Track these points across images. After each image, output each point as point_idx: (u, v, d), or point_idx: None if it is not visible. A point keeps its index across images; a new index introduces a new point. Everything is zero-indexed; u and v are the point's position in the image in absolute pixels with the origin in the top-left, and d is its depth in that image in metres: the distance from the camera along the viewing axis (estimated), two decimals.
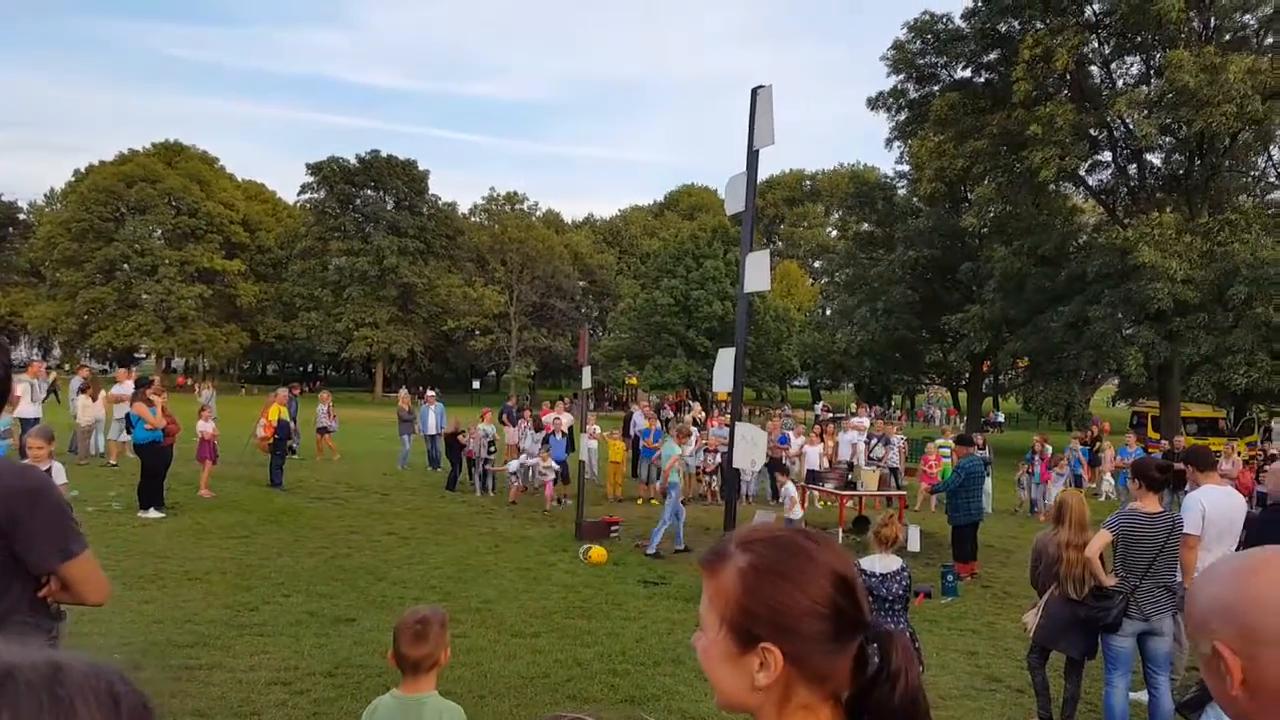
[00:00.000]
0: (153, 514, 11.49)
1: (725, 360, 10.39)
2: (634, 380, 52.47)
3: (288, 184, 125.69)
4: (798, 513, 11.94)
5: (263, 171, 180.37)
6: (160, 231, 58.57)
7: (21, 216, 69.14)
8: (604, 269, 69.96)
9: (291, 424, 16.60)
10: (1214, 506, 5.19)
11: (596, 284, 70.23)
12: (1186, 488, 6.20)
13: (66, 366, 41.74)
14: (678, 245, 52.87)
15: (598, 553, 10.84)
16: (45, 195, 73.94)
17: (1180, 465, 14.36)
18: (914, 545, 11.95)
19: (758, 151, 10.28)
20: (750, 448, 10.00)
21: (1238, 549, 6.06)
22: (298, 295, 59.38)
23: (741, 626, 1.06)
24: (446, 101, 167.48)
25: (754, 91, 10.38)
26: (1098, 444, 18.17)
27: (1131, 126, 24.51)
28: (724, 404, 36.72)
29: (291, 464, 17.24)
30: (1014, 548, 12.58)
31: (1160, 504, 5.22)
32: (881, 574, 5.26)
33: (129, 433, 12.33)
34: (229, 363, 68.92)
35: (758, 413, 42.18)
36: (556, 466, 15.11)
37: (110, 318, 56.71)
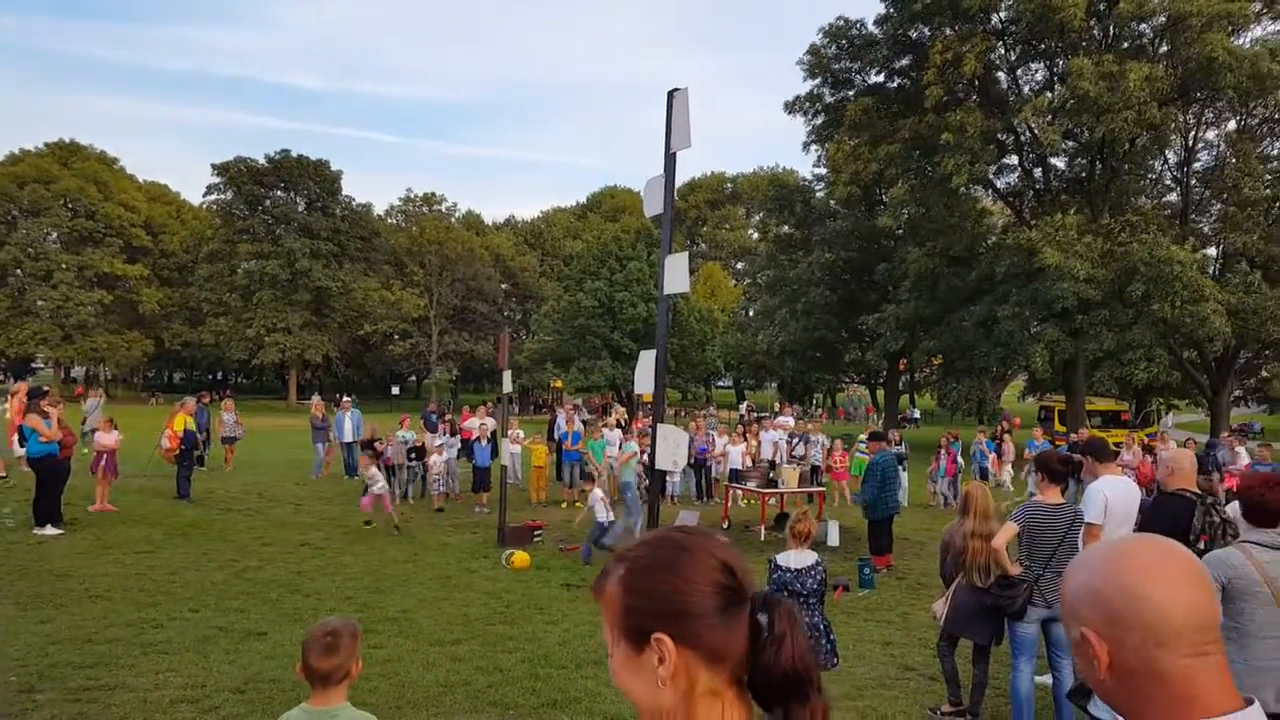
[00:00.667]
0: (50, 531, 10.90)
1: (646, 362, 10.42)
2: (559, 383, 52.26)
3: (193, 185, 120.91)
4: (601, 514, 11.72)
5: (166, 172, 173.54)
6: (56, 235, 55.77)
7: None
8: (526, 271, 69.42)
9: (199, 434, 15.99)
10: (1114, 495, 5.38)
11: (519, 286, 69.66)
12: (1084, 478, 6.47)
13: None
14: (601, 247, 52.87)
15: (520, 558, 10.74)
16: None
17: (1079, 457, 15.09)
18: (834, 540, 12.21)
19: (675, 154, 10.41)
20: (672, 448, 10.09)
21: None
22: (205, 300, 57.21)
23: (631, 626, 1.08)
24: (361, 101, 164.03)
25: (670, 94, 10.45)
26: (1003, 438, 18.88)
27: (1037, 132, 25.53)
28: (649, 405, 36.90)
29: (200, 475, 16.63)
30: (928, 540, 12.92)
31: (1063, 496, 5.45)
32: (796, 569, 5.34)
33: (23, 446, 11.66)
34: (133, 371, 66.03)
35: (683, 413, 42.50)
36: (380, 478, 13.23)
37: (2, 326, 53.65)
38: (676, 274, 10.18)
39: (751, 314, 59.35)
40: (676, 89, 10.91)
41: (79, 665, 6.21)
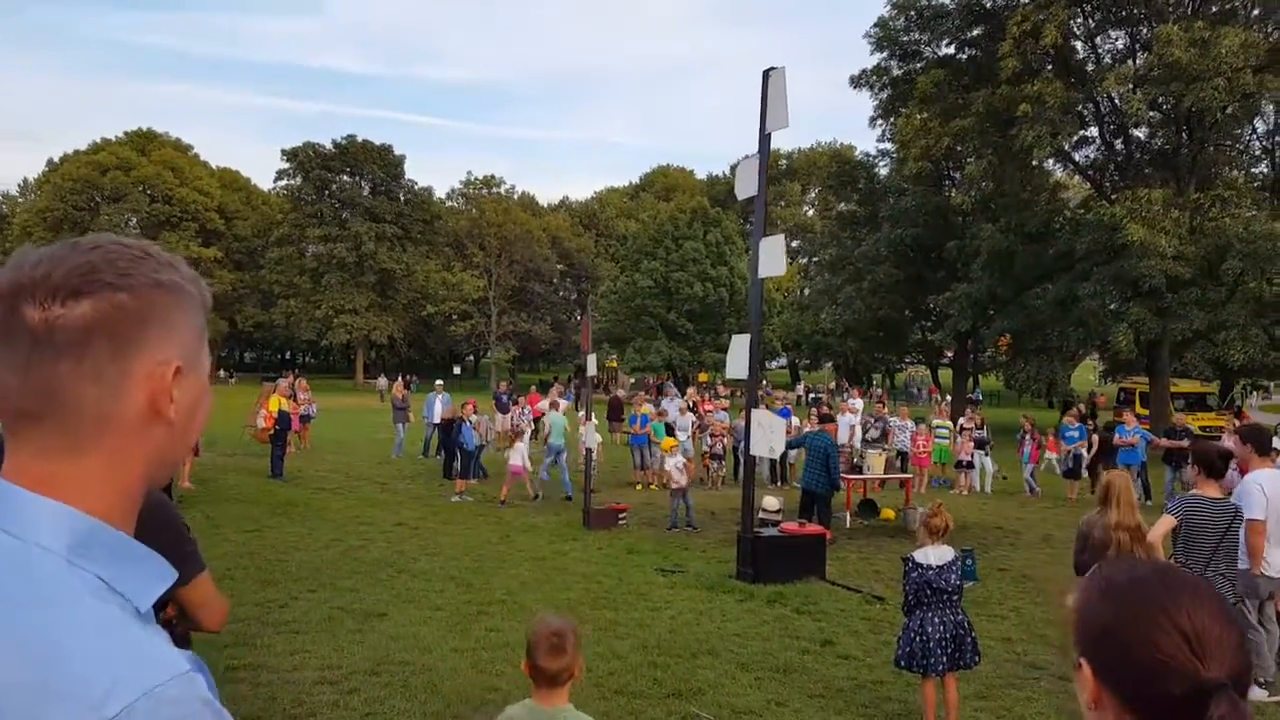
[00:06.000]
0: None
1: (740, 347, 10.37)
2: (614, 363, 52.46)
3: (263, 171, 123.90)
4: (681, 480, 12.25)
5: (238, 159, 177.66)
6: (135, 220, 57.68)
7: None
8: (582, 252, 69.69)
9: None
10: (1273, 489, 5.02)
11: (574, 267, 69.98)
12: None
13: None
14: (657, 227, 52.72)
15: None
16: (19, 185, 72.53)
17: (1183, 444, 14.58)
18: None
19: (770, 135, 10.28)
20: (768, 434, 10.03)
21: None
22: (276, 283, 58.71)
23: (1074, 640, 1.12)
24: (418, 86, 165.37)
25: (766, 73, 10.33)
26: (1093, 421, 18.20)
27: (1119, 102, 24.55)
28: (703, 385, 36.65)
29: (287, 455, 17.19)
30: (1022, 529, 12.74)
31: (1220, 490, 5.18)
32: (938, 565, 5.19)
33: None
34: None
35: (739, 394, 42.38)
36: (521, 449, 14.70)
37: None
38: (772, 257, 10.10)
39: (808, 293, 58.67)
40: (773, 68, 10.75)
41: (219, 645, 6.38)
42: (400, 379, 21.65)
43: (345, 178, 60.25)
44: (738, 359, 10.01)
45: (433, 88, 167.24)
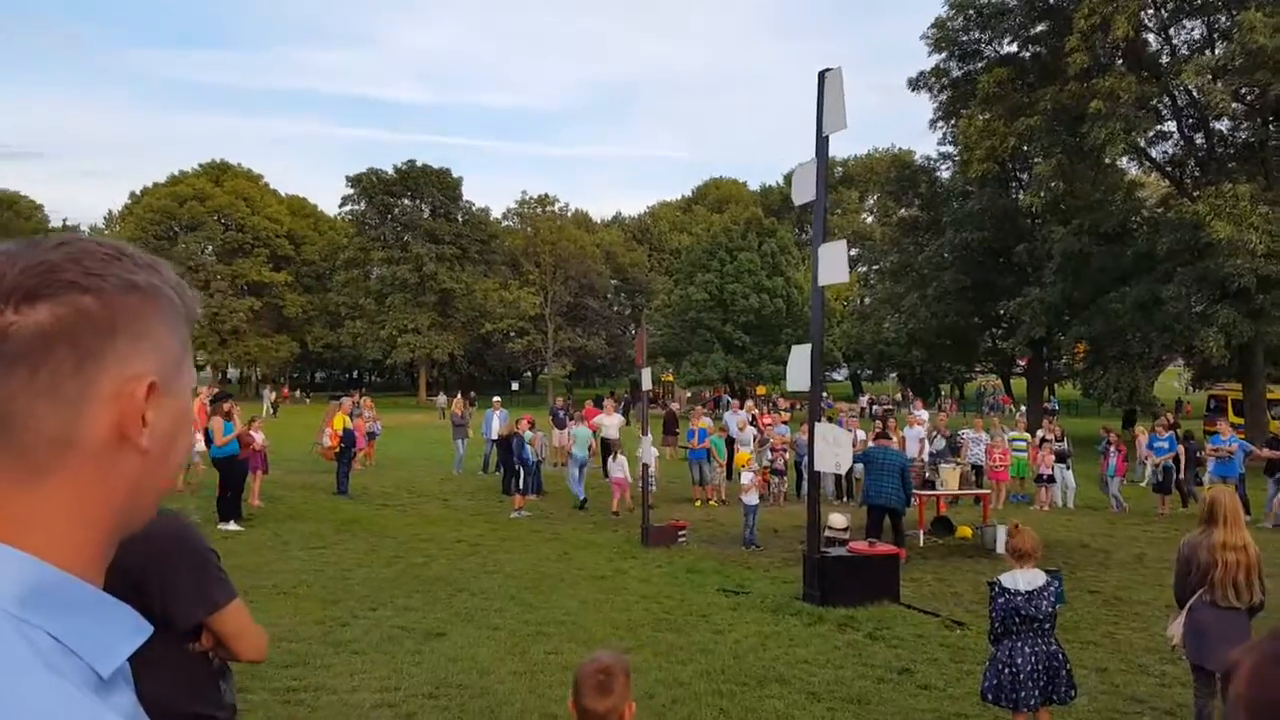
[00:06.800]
0: (233, 526, 11.48)
1: (800, 357, 9.98)
2: (669, 377, 52.14)
3: (329, 197, 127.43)
4: (753, 498, 12.04)
5: (305, 186, 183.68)
6: (211, 248, 60.11)
7: None
8: (636, 267, 69.81)
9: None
10: None
11: (628, 282, 70.09)
12: None
13: None
14: (711, 240, 52.38)
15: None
16: (104, 218, 75.71)
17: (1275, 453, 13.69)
18: (1001, 547, 11.46)
19: (828, 138, 9.93)
20: (833, 449, 9.61)
21: None
22: (343, 304, 60.27)
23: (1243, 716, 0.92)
24: (474, 111, 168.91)
25: (822, 75, 10.00)
26: (1176, 429, 17.06)
27: (1197, 94, 23.52)
28: (761, 398, 35.99)
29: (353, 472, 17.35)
30: (1111, 547, 12.06)
31: None
32: (1027, 591, 4.73)
33: (207, 445, 12.29)
34: (280, 372, 70.42)
35: (799, 406, 41.61)
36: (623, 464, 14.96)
37: None
38: (833, 264, 9.71)
39: (868, 301, 57.58)
40: (828, 69, 10.39)
41: (281, 665, 6.29)
42: (460, 396, 21.82)
43: (406, 201, 61.54)
44: (799, 370, 9.64)
45: (487, 111, 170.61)
